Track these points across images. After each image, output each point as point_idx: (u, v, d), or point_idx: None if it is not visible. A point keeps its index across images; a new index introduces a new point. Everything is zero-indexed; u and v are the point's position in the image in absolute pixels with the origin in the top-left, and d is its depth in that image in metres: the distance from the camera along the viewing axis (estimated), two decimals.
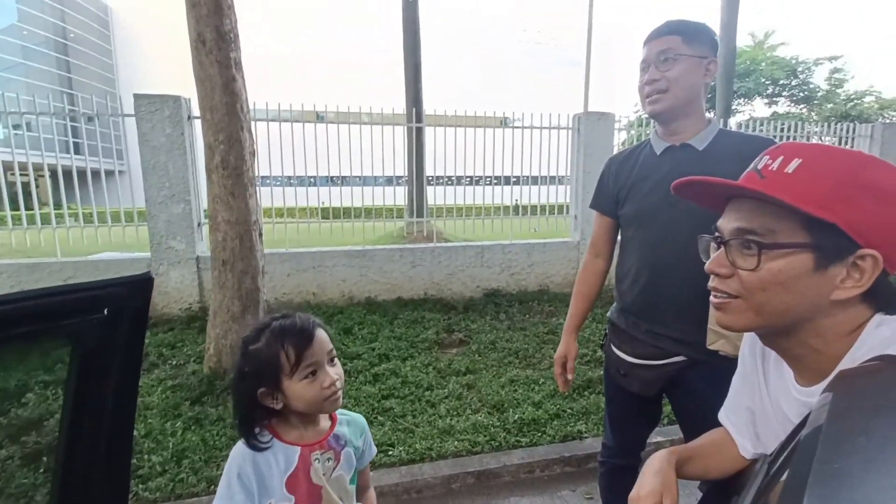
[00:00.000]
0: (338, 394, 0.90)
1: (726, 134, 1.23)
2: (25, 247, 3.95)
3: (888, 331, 0.54)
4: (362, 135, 4.57)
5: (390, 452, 2.19)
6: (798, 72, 18.99)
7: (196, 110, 3.16)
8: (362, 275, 4.29)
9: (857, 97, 19.30)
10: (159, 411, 2.47)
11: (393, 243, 5.43)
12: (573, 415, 2.51)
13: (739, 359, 0.76)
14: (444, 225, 5.88)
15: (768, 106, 20.10)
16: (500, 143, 4.73)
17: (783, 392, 0.64)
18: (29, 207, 4.01)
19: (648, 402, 1.32)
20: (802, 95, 19.52)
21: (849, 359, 0.55)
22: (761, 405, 0.69)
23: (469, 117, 4.80)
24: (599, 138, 4.70)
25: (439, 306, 4.20)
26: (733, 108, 19.79)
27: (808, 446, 0.39)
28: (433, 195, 7.11)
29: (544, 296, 4.49)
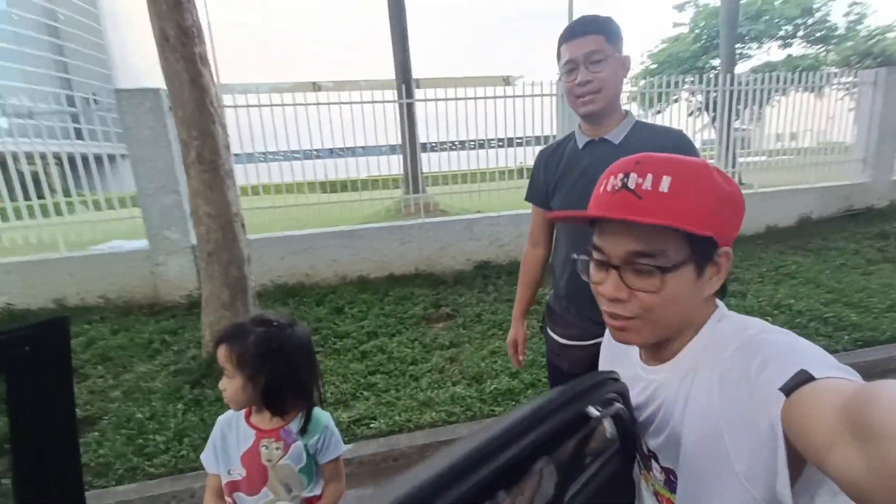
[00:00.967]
0: (226, 400, 1.05)
1: (641, 127, 1.26)
2: (36, 241, 4.13)
3: (731, 325, 0.60)
4: (353, 106, 4.59)
5: (372, 425, 2.36)
6: (814, 9, 17.82)
7: None
8: (354, 254, 4.41)
9: (879, 33, 18.15)
10: (162, 395, 2.68)
11: (389, 217, 5.51)
12: (547, 384, 2.64)
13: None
14: (444, 197, 5.90)
15: (782, 48, 19.04)
16: (495, 107, 4.74)
17: (630, 367, 0.73)
18: (40, 196, 4.11)
19: None
20: (819, 35, 18.41)
21: (691, 348, 0.62)
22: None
23: (465, 78, 4.75)
24: None
25: (429, 281, 4.32)
26: (747, 52, 18.89)
27: None
28: (428, 162, 7.07)
29: None
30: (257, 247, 4.17)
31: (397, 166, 6.59)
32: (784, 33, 18.46)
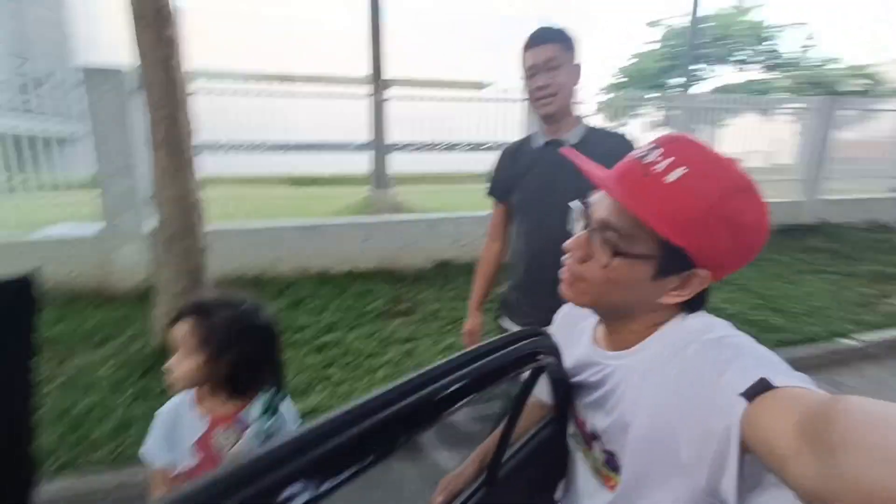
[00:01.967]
0: (172, 381, 1.01)
1: (592, 130, 1.40)
2: None
3: (695, 324, 0.61)
4: (323, 100, 4.56)
5: None
6: (766, 38, 19.02)
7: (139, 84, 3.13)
8: (316, 248, 4.41)
9: (825, 63, 19.55)
10: (107, 385, 2.61)
11: (356, 213, 5.51)
12: None
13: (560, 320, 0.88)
14: (411, 196, 5.94)
15: (741, 72, 20.20)
16: (468, 111, 4.82)
17: (580, 349, 0.74)
18: None
19: None
20: (773, 62, 19.65)
21: (654, 340, 0.63)
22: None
23: (438, 81, 4.82)
24: None
25: (391, 278, 4.38)
26: (706, 75, 19.89)
27: None
28: (397, 162, 7.12)
29: None
30: (216, 237, 4.10)
31: (365, 165, 6.61)
32: (744, 58, 19.58)
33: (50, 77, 3.86)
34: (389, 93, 5.14)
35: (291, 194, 4.63)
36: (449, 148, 5.05)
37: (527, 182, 1.44)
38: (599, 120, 5.67)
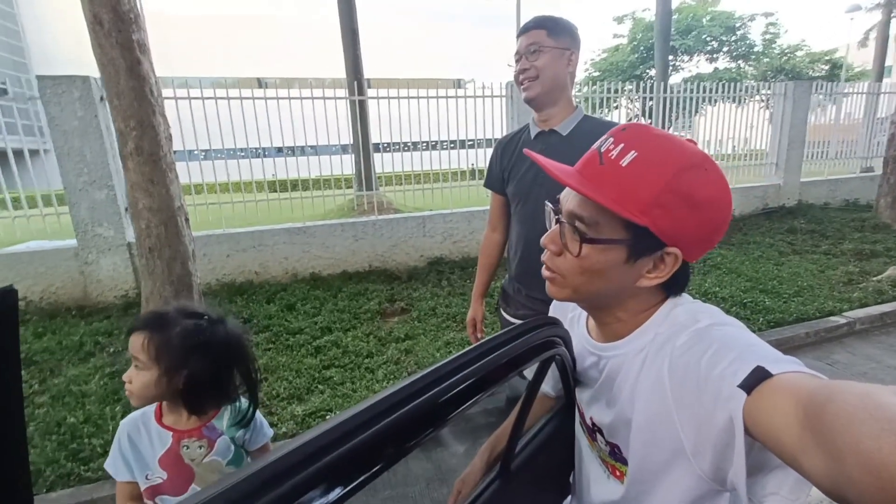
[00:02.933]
0: (129, 393, 0.96)
1: (588, 120, 1.37)
2: None
3: (684, 314, 0.61)
4: (303, 103, 4.46)
5: (327, 418, 2.35)
6: (735, 28, 19.56)
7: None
8: (305, 251, 4.32)
9: (789, 51, 20.22)
10: (98, 398, 2.51)
11: (342, 216, 5.43)
12: None
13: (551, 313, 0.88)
14: (397, 196, 5.88)
15: (709, 62, 20.71)
16: (447, 108, 4.79)
17: (575, 341, 0.76)
18: None
19: None
20: (740, 52, 20.21)
21: (643, 330, 0.64)
22: None
23: (417, 80, 4.76)
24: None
25: (383, 277, 4.33)
26: (678, 65, 20.35)
27: None
28: (381, 163, 7.08)
29: None
30: (203, 244, 4.00)
31: (349, 167, 6.53)
32: (711, 48, 20.09)
33: (10, 88, 3.68)
34: (369, 93, 5.07)
35: (275, 199, 4.52)
36: (432, 146, 5.01)
37: (521, 172, 1.43)
38: None
